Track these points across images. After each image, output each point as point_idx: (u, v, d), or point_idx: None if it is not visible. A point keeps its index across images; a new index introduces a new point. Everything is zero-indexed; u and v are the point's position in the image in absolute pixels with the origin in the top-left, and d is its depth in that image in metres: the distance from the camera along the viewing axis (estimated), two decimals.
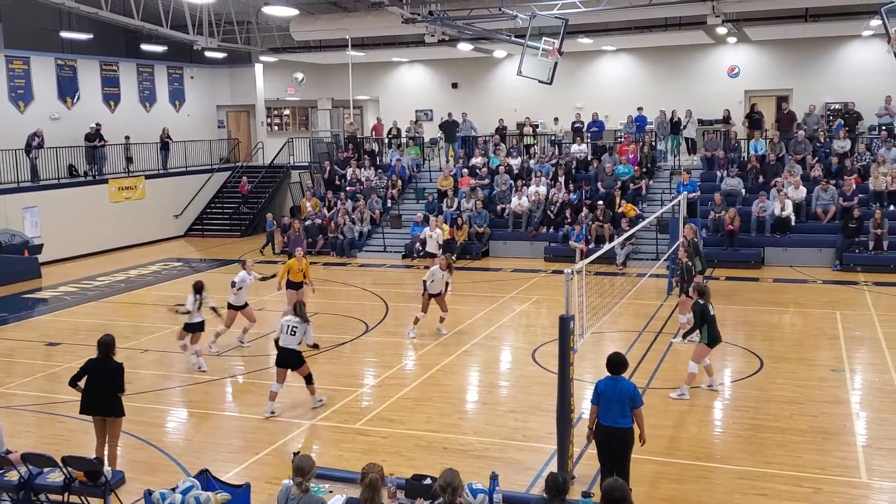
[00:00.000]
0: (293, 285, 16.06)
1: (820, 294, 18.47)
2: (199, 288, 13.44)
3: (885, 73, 24.65)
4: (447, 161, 29.51)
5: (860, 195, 22.31)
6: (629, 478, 8.01)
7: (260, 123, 35.10)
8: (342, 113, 32.82)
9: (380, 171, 28.93)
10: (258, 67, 33.95)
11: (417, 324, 15.33)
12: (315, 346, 11.92)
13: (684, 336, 13.42)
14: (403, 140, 30.43)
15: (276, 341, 11.55)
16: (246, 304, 14.89)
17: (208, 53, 28.76)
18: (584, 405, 11.44)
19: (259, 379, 13.29)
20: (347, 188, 28.08)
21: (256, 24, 28.92)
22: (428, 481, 6.88)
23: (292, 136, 34.04)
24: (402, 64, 34.65)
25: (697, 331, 11.90)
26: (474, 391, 12.97)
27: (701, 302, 11.76)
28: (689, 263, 15.06)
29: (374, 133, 31.77)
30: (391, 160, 29.26)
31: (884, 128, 25.25)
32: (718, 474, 9.29)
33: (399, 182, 27.92)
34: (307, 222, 25.91)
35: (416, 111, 33.77)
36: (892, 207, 21.97)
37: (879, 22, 18.06)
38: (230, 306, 14.66)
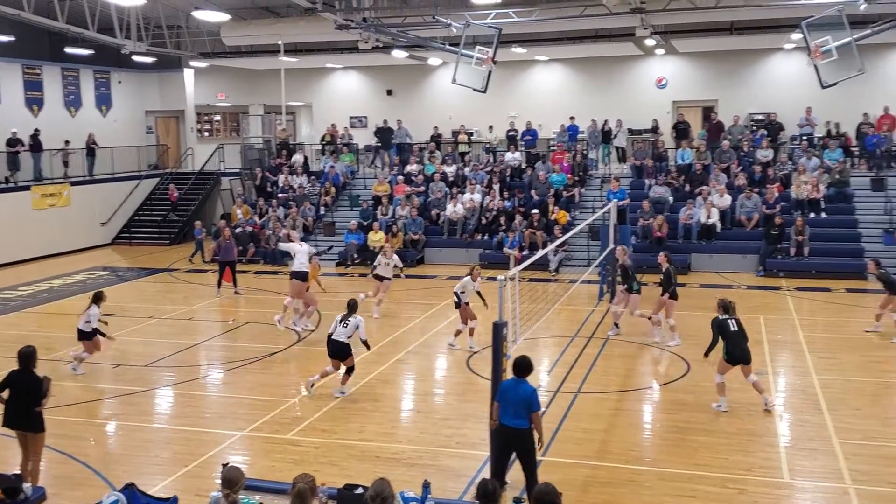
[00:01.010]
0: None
1: (744, 299, 18.90)
2: (97, 298, 13.66)
3: (805, 85, 25.50)
4: (382, 167, 29.44)
5: (782, 203, 23.03)
6: (536, 477, 8.19)
7: (190, 129, 34.48)
8: (274, 119, 32.48)
9: (313, 177, 28.71)
10: (188, 72, 33.36)
11: (458, 336, 15.21)
12: (365, 344, 12.59)
13: (706, 353, 12.56)
14: (337, 147, 30.26)
15: (329, 335, 12.28)
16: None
17: (136, 58, 28.14)
18: None
19: (189, 390, 13.03)
20: (279, 195, 27.78)
21: (187, 28, 28.43)
22: (360, 491, 6.84)
23: (223, 143, 33.56)
24: (335, 70, 34.45)
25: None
26: (408, 399, 12.94)
27: (721, 317, 11.55)
28: (630, 271, 15.46)
29: (328, 136, 31.28)
30: (324, 167, 29.06)
31: (804, 138, 26.13)
32: (647, 477, 9.45)
33: (332, 189, 27.74)
34: (238, 230, 25.53)
35: (351, 118, 33.62)
36: (812, 215, 22.73)
37: (801, 35, 18.64)
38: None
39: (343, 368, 12.47)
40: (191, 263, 25.32)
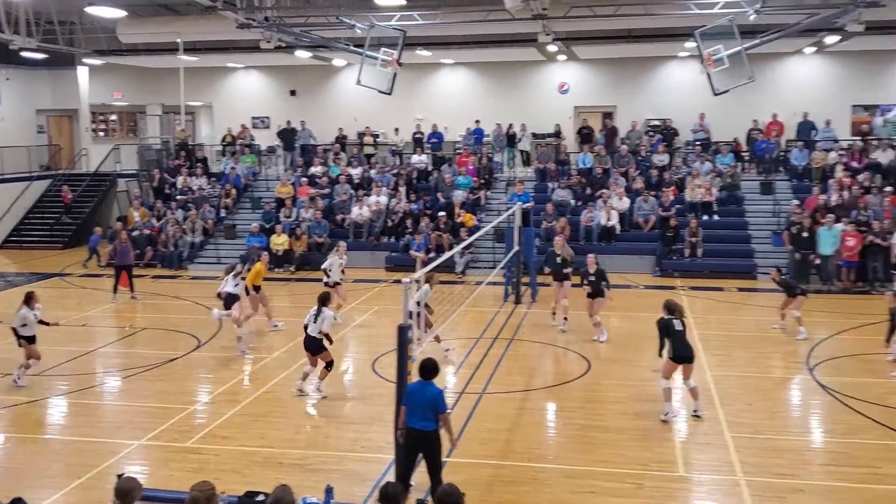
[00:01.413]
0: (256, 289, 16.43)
1: (642, 299, 19.53)
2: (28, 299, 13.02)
3: (699, 92, 26.41)
4: (285, 170, 29.05)
5: (677, 206, 23.84)
6: (440, 479, 8.25)
7: (84, 129, 33.22)
8: (173, 119, 31.64)
9: (213, 179, 28.08)
10: (82, 70, 32.13)
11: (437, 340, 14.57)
12: (327, 337, 12.48)
13: (659, 354, 11.79)
14: (238, 148, 29.71)
15: (305, 327, 12.44)
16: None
17: (26, 54, 26.92)
18: None
19: (83, 399, 12.54)
20: (178, 197, 27.06)
21: (80, 24, 27.36)
22: (261, 498, 6.74)
23: (119, 143, 32.47)
24: (237, 69, 33.82)
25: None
26: (312, 404, 12.79)
27: (666, 317, 11.42)
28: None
29: (239, 136, 30.59)
30: (225, 168, 28.46)
31: (698, 143, 27.14)
32: (550, 475, 9.62)
33: (234, 191, 27.19)
34: (135, 233, 24.74)
35: (253, 118, 33.06)
36: (705, 217, 23.60)
37: (694, 44, 19.35)
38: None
39: (321, 364, 12.55)
40: (85, 268, 24.41)
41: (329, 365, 12.52)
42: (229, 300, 15.25)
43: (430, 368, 8.48)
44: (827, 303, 19.07)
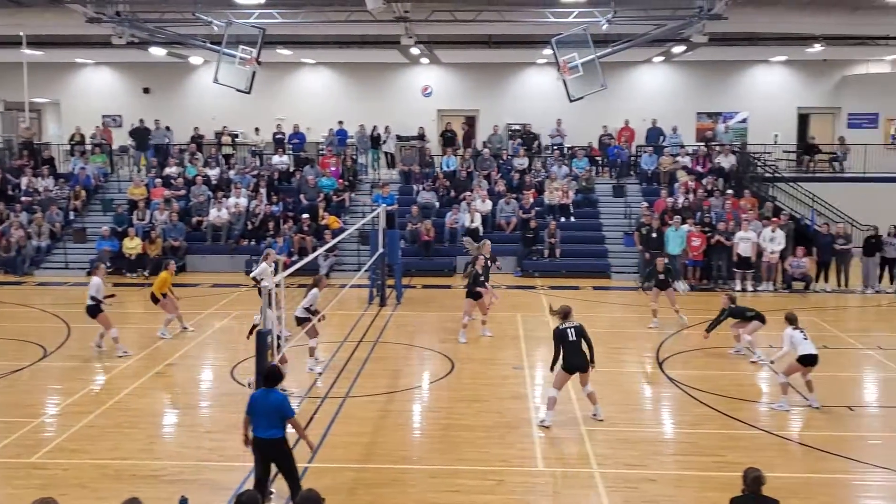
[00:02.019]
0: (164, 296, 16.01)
1: (504, 298, 19.90)
2: None
3: (556, 98, 27.22)
4: (138, 170, 27.88)
5: (537, 208, 24.51)
6: (299, 484, 8.23)
7: None
8: (16, 116, 29.76)
9: (61, 180, 26.60)
10: None
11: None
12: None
13: (551, 367, 11.60)
14: (88, 147, 28.29)
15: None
16: None
17: None
18: None
19: None
20: (23, 199, 25.48)
21: None
22: None
23: None
24: (86, 65, 32.24)
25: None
26: (168, 413, 12.34)
27: (561, 326, 11.33)
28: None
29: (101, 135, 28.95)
30: (74, 169, 27.01)
31: (556, 147, 27.99)
32: (413, 475, 9.67)
33: (83, 193, 25.85)
34: None
35: (104, 116, 31.57)
36: (563, 219, 24.37)
37: (551, 52, 19.95)
38: None
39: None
40: None
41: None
42: None
43: (272, 376, 8.42)
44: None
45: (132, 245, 22.87)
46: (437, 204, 25.16)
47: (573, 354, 11.16)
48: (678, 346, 15.63)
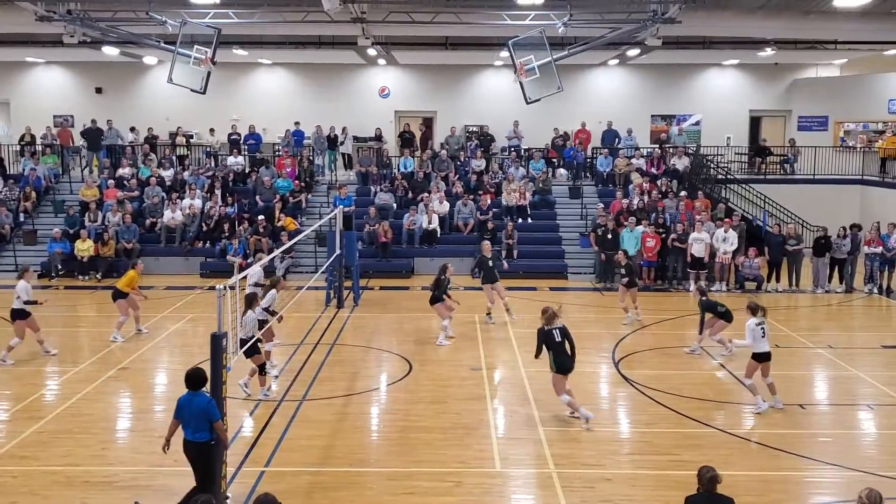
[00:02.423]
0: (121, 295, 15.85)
1: (463, 299, 19.89)
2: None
3: (513, 100, 27.31)
4: (90, 171, 27.38)
5: (494, 209, 24.59)
6: (218, 488, 8.25)
7: None
8: None
9: (10, 181, 26.00)
10: None
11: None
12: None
13: (536, 356, 11.75)
14: (38, 148, 27.70)
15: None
16: None
17: None
18: (242, 423, 11.33)
19: None
20: None
21: None
22: None
23: None
24: (37, 65, 31.58)
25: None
26: (122, 418, 12.14)
27: (546, 328, 11.39)
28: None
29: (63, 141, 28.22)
30: (24, 169, 26.43)
31: (513, 149, 28.13)
32: (370, 478, 9.64)
33: (34, 194, 25.31)
34: None
35: (55, 116, 30.94)
36: (520, 220, 24.49)
37: (508, 53, 20.04)
38: None
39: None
40: None
41: (262, 368, 12.45)
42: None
43: (196, 379, 8.43)
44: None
45: (84, 247, 22.45)
46: (395, 205, 25.12)
47: (562, 355, 11.29)
48: (634, 345, 15.79)
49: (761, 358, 11.90)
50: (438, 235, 23.92)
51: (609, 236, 21.84)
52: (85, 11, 20.82)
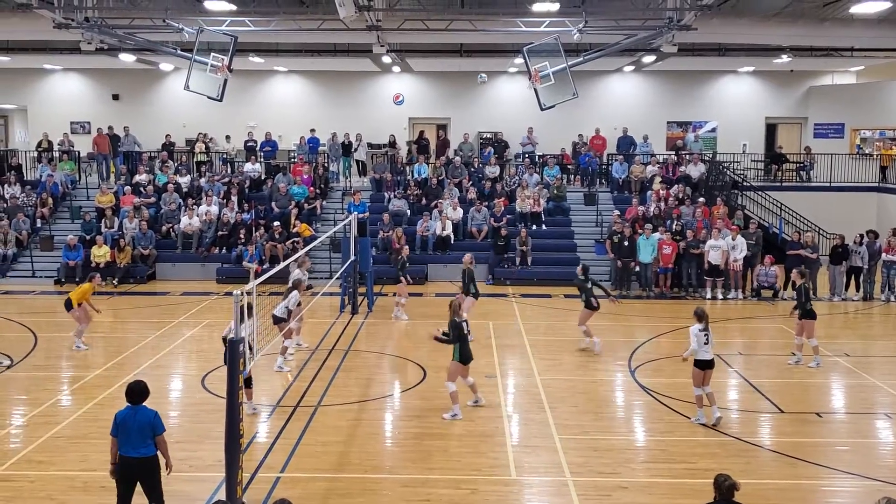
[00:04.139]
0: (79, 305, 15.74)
1: (478, 306, 19.91)
2: None
3: (528, 106, 27.32)
4: (107, 178, 27.57)
5: (508, 216, 24.58)
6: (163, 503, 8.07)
7: None
8: None
9: (28, 187, 26.21)
10: None
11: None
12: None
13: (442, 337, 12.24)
14: (56, 154, 27.93)
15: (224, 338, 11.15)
16: None
17: None
18: (258, 428, 11.35)
19: None
20: None
21: None
22: None
23: None
24: (55, 71, 31.89)
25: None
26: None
27: (457, 319, 11.85)
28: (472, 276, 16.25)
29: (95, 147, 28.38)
30: (41, 176, 26.65)
31: (527, 155, 28.12)
32: (386, 485, 9.63)
33: (51, 200, 25.51)
34: None
35: (72, 123, 31.23)
36: (534, 227, 24.46)
37: (522, 60, 20.05)
38: None
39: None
40: None
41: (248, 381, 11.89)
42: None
43: (138, 391, 8.20)
44: (646, 308, 20.24)
45: (100, 253, 22.58)
46: (409, 211, 25.15)
47: (467, 346, 12.00)
48: (651, 353, 15.72)
49: (703, 366, 11.67)
50: (452, 242, 23.91)
51: (625, 243, 21.77)
52: (102, 19, 21.03)
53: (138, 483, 8.05)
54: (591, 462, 10.33)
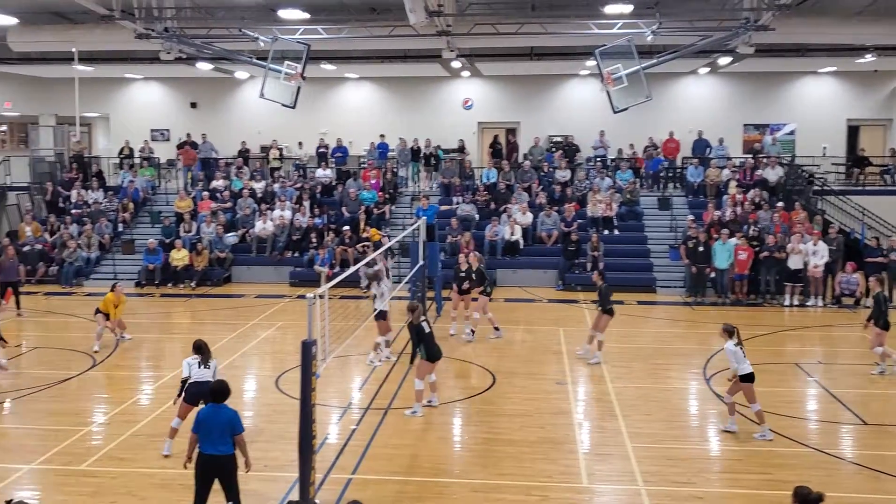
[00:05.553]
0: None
1: (546, 312, 19.83)
2: None
3: (599, 110, 27.07)
4: (185, 183, 28.32)
5: (579, 220, 24.33)
6: (240, 502, 8.16)
7: None
8: (67, 130, 30.44)
9: (110, 193, 27.13)
10: None
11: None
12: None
13: (411, 360, 12.93)
14: (137, 160, 28.82)
15: (184, 381, 10.56)
16: None
17: None
18: (329, 430, 11.47)
19: None
20: (73, 211, 26.04)
21: None
22: None
23: (9, 155, 30.99)
24: (135, 80, 32.89)
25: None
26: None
27: (414, 322, 12.15)
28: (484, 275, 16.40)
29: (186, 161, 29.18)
30: (123, 182, 27.55)
31: (598, 159, 27.81)
32: (455, 489, 9.61)
33: (131, 205, 26.34)
34: (26, 248, 23.67)
35: (152, 130, 32.17)
36: (606, 232, 24.17)
37: (594, 63, 19.83)
38: None
39: None
40: None
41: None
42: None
43: (221, 391, 8.33)
44: (721, 315, 19.73)
45: (179, 256, 23.22)
46: (477, 216, 25.13)
47: (432, 345, 12.20)
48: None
49: (750, 378, 11.31)
50: (521, 247, 23.79)
51: (700, 249, 21.34)
52: (181, 29, 21.60)
53: (216, 481, 8.18)
54: (665, 471, 10.13)
